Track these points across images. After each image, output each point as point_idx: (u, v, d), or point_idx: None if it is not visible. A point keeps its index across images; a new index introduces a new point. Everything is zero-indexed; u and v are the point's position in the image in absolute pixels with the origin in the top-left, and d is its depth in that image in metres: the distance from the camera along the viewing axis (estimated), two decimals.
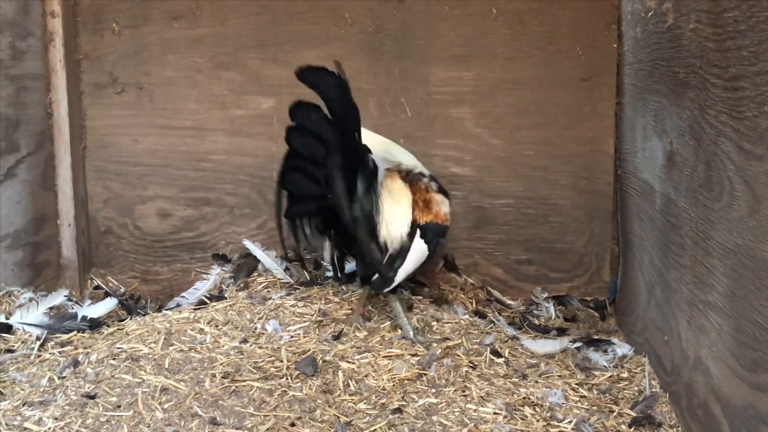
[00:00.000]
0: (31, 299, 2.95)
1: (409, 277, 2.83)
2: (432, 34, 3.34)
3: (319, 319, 2.87)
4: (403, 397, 2.38)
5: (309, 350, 2.63)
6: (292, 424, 2.23)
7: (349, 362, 2.56)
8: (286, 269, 3.29)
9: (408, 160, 2.95)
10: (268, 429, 2.20)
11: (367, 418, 2.28)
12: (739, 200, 1.87)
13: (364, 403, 2.35)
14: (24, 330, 2.79)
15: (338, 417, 2.27)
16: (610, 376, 2.63)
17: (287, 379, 2.46)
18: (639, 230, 2.90)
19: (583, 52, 3.30)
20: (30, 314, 2.84)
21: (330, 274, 3.22)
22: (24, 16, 3.14)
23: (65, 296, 3.00)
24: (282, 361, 2.56)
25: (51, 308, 2.91)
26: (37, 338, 2.73)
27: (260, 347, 2.67)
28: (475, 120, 3.37)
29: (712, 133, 2.05)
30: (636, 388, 2.57)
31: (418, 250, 2.77)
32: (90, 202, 3.53)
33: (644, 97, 2.83)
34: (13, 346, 2.72)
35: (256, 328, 2.80)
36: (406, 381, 2.47)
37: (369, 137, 2.77)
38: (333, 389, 2.42)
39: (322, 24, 3.36)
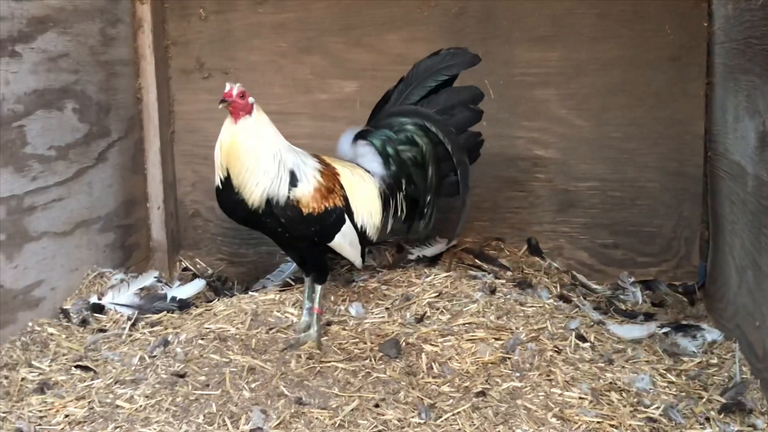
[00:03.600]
0: (122, 280, 3.04)
1: None
2: (516, 15, 3.30)
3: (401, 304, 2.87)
4: (486, 381, 2.37)
5: (392, 332, 2.64)
6: (376, 405, 2.24)
7: (432, 345, 2.56)
8: (369, 252, 3.29)
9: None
10: (352, 409, 2.22)
11: (451, 400, 2.28)
12: None
13: (448, 386, 2.35)
14: (116, 310, 2.87)
15: (422, 399, 2.28)
16: (699, 362, 2.59)
17: (371, 360, 2.48)
18: (730, 213, 2.83)
19: (672, 31, 3.22)
20: (121, 295, 2.93)
21: (413, 257, 3.23)
22: (113, 2, 3.21)
23: (155, 277, 3.07)
24: (365, 343, 2.58)
25: (141, 289, 2.99)
26: (128, 318, 2.81)
27: (344, 329, 2.69)
28: (560, 101, 3.32)
29: None
30: (726, 374, 2.52)
31: None
32: (178, 185, 3.60)
33: (736, 76, 2.75)
34: (105, 325, 2.80)
35: (339, 310, 2.83)
36: (489, 364, 2.46)
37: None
38: (416, 371, 2.43)
39: (405, 7, 3.35)
